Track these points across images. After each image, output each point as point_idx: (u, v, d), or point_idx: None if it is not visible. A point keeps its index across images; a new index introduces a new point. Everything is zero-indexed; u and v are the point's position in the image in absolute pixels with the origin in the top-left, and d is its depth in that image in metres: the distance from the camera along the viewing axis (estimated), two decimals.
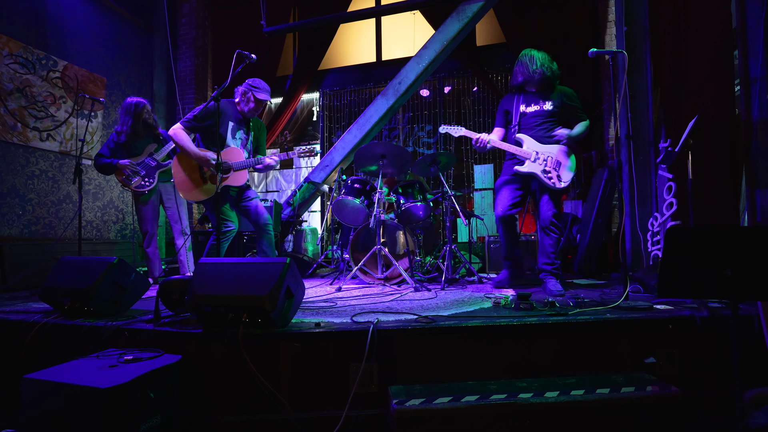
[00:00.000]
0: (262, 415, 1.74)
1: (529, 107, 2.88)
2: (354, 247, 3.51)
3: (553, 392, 1.55)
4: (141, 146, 3.43)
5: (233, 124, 2.96)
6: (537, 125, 2.85)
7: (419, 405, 1.49)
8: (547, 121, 2.85)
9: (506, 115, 2.99)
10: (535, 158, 2.77)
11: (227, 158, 2.86)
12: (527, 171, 2.77)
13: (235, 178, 2.89)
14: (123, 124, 3.40)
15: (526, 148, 2.81)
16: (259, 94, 2.95)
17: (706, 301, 1.98)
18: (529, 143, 2.81)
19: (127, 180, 3.35)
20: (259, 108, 3.03)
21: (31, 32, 4.26)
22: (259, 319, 1.75)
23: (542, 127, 2.84)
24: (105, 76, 5.03)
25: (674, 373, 1.79)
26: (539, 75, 2.77)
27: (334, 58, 6.29)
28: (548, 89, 2.87)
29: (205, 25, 6.10)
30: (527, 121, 2.88)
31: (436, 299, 2.59)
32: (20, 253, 3.53)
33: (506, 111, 2.99)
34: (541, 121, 2.85)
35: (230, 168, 2.84)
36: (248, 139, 3.04)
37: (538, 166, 2.77)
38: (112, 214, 5.12)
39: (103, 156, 3.38)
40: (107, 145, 3.42)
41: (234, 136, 2.96)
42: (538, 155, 2.78)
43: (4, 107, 3.98)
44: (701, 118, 2.56)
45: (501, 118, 3.01)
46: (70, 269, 2.24)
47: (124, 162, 3.33)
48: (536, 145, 2.81)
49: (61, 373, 1.56)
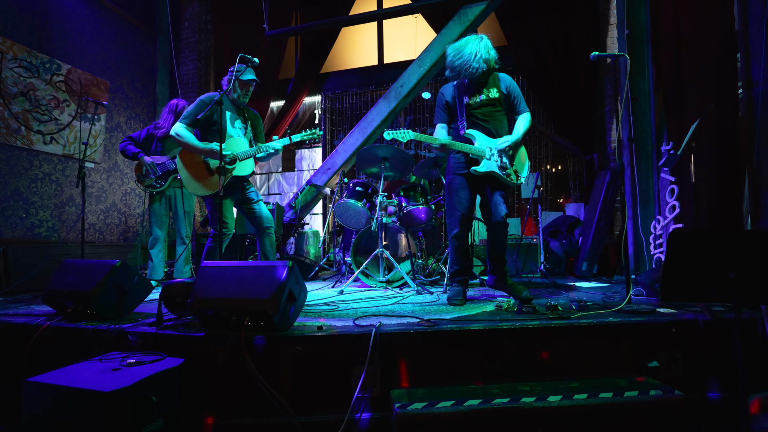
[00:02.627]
0: (265, 418, 1.74)
1: (473, 98, 2.62)
2: (356, 250, 3.51)
3: (556, 396, 1.54)
4: (170, 146, 3.58)
5: (230, 113, 2.96)
6: (485, 116, 2.61)
7: (422, 409, 1.48)
8: (494, 110, 2.62)
9: (447, 108, 2.70)
10: (490, 155, 2.54)
11: (232, 148, 2.88)
12: (485, 171, 2.52)
13: (242, 167, 2.91)
14: (166, 121, 3.57)
15: (479, 144, 2.55)
16: (243, 76, 2.88)
17: (710, 304, 1.97)
18: (481, 140, 2.56)
19: (142, 177, 3.50)
20: (248, 90, 2.99)
21: (35, 36, 4.29)
22: (261, 322, 1.76)
23: (491, 118, 2.61)
24: (108, 79, 5.05)
25: (678, 377, 1.79)
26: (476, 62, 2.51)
27: (336, 62, 6.32)
28: (489, 76, 2.63)
29: (208, 28, 6.13)
30: (473, 113, 2.62)
31: (439, 302, 2.58)
32: (23, 255, 3.54)
33: (446, 103, 2.69)
34: (489, 112, 2.61)
35: (236, 158, 2.87)
36: (246, 128, 3.05)
37: (494, 164, 2.53)
38: (114, 217, 5.14)
39: (133, 141, 3.56)
40: (141, 133, 3.60)
41: (233, 126, 2.97)
42: (492, 152, 2.55)
43: (8, 111, 4.00)
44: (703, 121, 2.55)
45: (442, 112, 2.70)
46: (73, 272, 2.25)
47: (148, 159, 3.47)
48: (488, 141, 2.57)
49: (64, 376, 1.56)
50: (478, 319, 1.98)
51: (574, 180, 5.33)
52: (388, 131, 2.69)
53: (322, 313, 2.29)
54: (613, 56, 2.42)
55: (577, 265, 4.10)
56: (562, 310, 2.09)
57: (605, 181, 4.12)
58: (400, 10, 5.22)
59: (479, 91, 2.63)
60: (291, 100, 5.95)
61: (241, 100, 3.01)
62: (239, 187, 2.99)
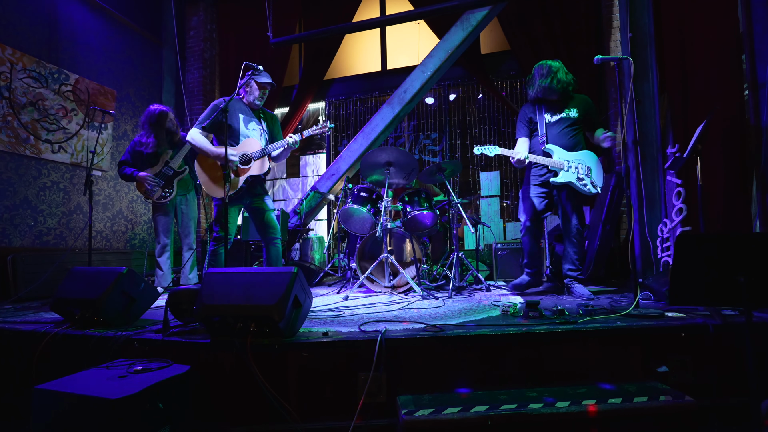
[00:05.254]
0: (270, 425, 1.73)
1: (553, 116, 2.93)
2: (361, 256, 3.51)
3: (564, 402, 1.53)
4: (160, 153, 3.50)
5: (244, 116, 3.04)
6: (563, 134, 2.90)
7: (428, 415, 1.47)
8: (572, 128, 2.90)
9: (530, 124, 3.02)
10: (568, 167, 2.82)
11: (245, 149, 2.95)
12: (563, 182, 2.82)
13: (256, 167, 2.98)
14: (148, 136, 3.46)
15: (557, 158, 2.85)
16: (260, 78, 3.02)
17: (719, 308, 1.95)
18: (559, 153, 2.86)
19: (148, 193, 3.45)
20: (264, 94, 3.09)
21: (44, 47, 4.36)
22: (267, 328, 1.76)
23: (568, 135, 2.90)
24: (115, 88, 5.12)
25: (687, 383, 1.76)
26: (556, 85, 2.85)
27: (340, 68, 6.36)
28: (567, 97, 2.93)
29: (213, 37, 6.20)
30: (553, 130, 2.92)
31: (444, 307, 2.57)
32: (32, 263, 3.58)
33: (530, 119, 3.01)
34: (566, 130, 2.90)
35: (250, 159, 2.93)
36: (262, 129, 3.12)
37: (572, 175, 2.82)
38: (121, 224, 5.18)
39: (126, 164, 3.48)
40: (129, 152, 3.50)
41: (247, 127, 3.04)
42: (570, 164, 2.83)
43: (17, 121, 4.06)
44: (709, 124, 2.54)
45: (525, 127, 3.04)
46: (81, 279, 2.27)
47: (144, 175, 3.41)
48: (566, 154, 2.86)
49: (71, 383, 1.57)
50: (484, 324, 1.97)
51: None
52: (477, 147, 3.00)
53: (327, 319, 2.29)
54: (617, 59, 2.42)
55: (583, 269, 4.07)
56: (568, 315, 2.07)
57: (611, 185, 4.10)
58: (403, 16, 5.25)
59: (559, 109, 2.93)
60: (295, 107, 5.99)
61: (257, 103, 3.09)
62: (255, 190, 3.05)
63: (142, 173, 3.40)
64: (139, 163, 3.47)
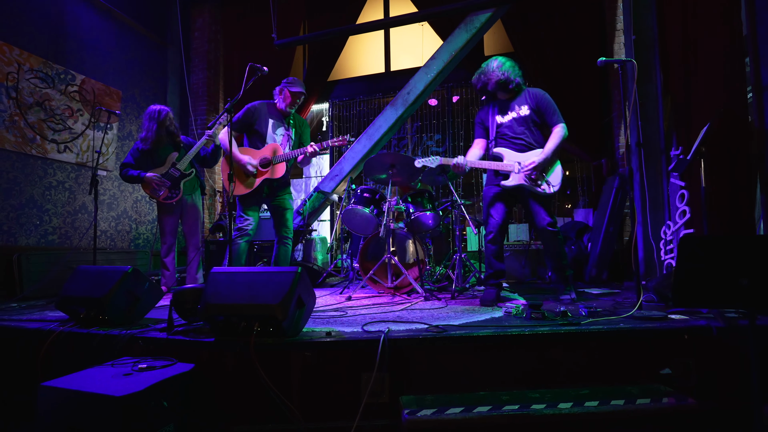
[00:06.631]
0: (273, 424, 1.74)
1: (504, 116, 2.79)
2: (363, 257, 3.52)
3: (566, 403, 1.53)
4: (164, 154, 3.47)
5: (273, 121, 3.23)
6: (515, 134, 2.75)
7: (431, 416, 1.48)
8: (524, 127, 2.74)
9: (483, 126, 2.89)
10: (519, 169, 2.68)
11: (267, 153, 3.14)
12: (514, 184, 2.69)
13: (275, 171, 3.14)
14: (147, 130, 3.44)
15: (507, 161, 2.71)
16: (293, 88, 3.24)
17: (723, 310, 1.94)
18: (509, 155, 2.72)
19: (154, 193, 3.41)
20: (296, 101, 3.28)
21: (50, 48, 4.40)
22: (270, 328, 1.77)
23: (521, 135, 2.74)
24: (120, 89, 5.16)
25: (690, 385, 1.76)
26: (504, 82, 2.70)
27: (344, 69, 6.38)
28: (516, 93, 2.78)
29: (217, 38, 6.24)
30: (504, 131, 2.77)
31: (447, 308, 2.58)
32: (37, 262, 3.61)
33: (482, 122, 2.89)
34: (519, 129, 2.75)
35: (269, 162, 3.11)
36: (290, 134, 3.25)
37: (523, 177, 2.67)
38: (126, 224, 5.21)
39: (129, 166, 3.44)
40: (131, 154, 3.47)
41: (275, 132, 3.21)
42: (521, 165, 2.69)
43: (24, 121, 4.10)
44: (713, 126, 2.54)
45: (480, 129, 2.90)
46: (86, 278, 2.28)
47: (151, 175, 3.37)
48: (517, 156, 2.71)
49: (76, 381, 1.58)
50: (487, 325, 1.97)
51: (582, 185, 5.31)
52: (418, 159, 2.85)
53: (330, 319, 2.30)
54: (620, 61, 2.42)
55: (587, 271, 4.06)
56: (571, 316, 2.07)
57: (614, 187, 4.10)
58: (407, 18, 5.26)
59: (510, 108, 2.78)
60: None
61: (288, 110, 3.27)
62: (275, 191, 3.25)
63: (149, 174, 3.38)
64: (143, 164, 3.45)
